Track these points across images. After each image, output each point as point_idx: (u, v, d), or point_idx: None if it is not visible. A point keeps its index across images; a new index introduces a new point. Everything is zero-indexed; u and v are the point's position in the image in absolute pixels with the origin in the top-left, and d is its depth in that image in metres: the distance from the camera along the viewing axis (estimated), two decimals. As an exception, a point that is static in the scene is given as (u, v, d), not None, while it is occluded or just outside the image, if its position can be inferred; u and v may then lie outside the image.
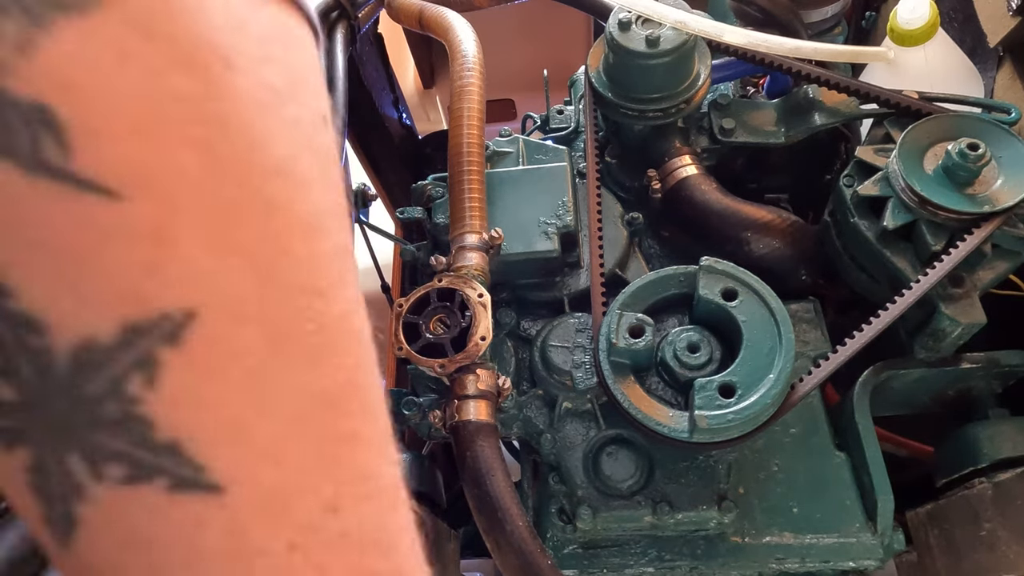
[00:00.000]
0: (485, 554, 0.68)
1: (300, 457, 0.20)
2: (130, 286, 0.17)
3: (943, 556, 0.74)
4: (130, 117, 0.17)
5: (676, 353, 0.69)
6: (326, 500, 0.21)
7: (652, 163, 0.89)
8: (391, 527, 0.24)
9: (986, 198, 0.69)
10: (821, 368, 0.69)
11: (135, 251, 0.17)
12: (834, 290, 0.87)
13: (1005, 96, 0.85)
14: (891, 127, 0.80)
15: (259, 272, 0.19)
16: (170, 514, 0.18)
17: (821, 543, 0.70)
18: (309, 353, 0.21)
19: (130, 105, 0.17)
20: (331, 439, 0.21)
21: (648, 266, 0.89)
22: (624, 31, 0.82)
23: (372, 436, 0.23)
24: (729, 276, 0.70)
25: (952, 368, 0.75)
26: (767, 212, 0.84)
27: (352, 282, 0.23)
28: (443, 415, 0.71)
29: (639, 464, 0.71)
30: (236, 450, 0.19)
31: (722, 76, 0.94)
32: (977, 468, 0.72)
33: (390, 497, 0.24)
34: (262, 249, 0.19)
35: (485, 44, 0.86)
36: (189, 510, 0.19)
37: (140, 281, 0.17)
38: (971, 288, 0.70)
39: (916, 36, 0.87)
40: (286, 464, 0.20)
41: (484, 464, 0.67)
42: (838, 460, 0.74)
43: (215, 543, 0.19)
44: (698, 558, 0.71)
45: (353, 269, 0.23)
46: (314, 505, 0.21)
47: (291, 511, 0.20)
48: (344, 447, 0.22)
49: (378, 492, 0.23)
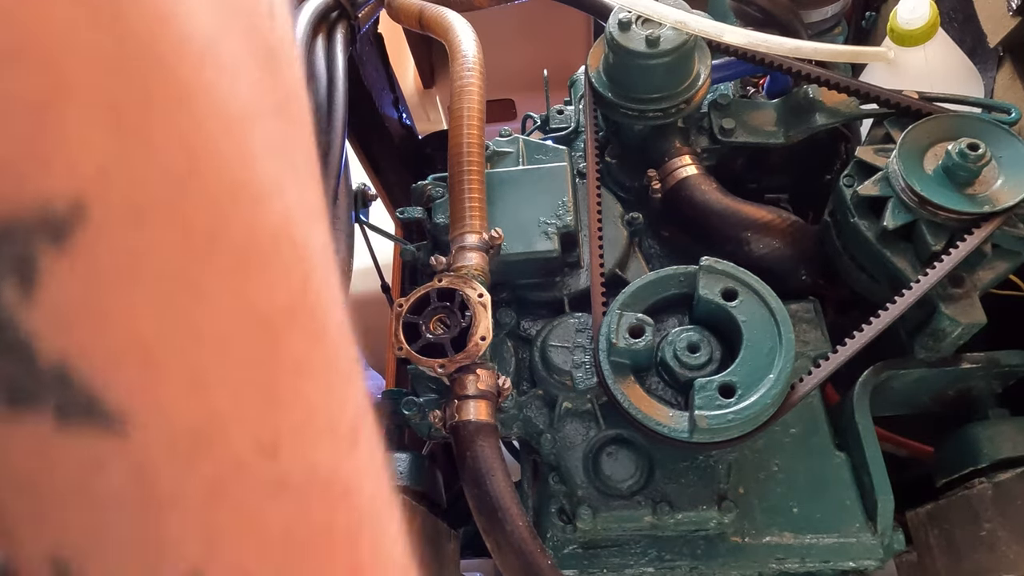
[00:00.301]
0: (485, 554, 0.68)
1: (224, 387, 0.17)
2: (3, 169, 0.14)
3: (943, 556, 0.74)
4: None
5: (676, 353, 0.69)
6: (259, 439, 0.18)
7: (652, 163, 0.89)
8: (347, 470, 0.20)
9: (986, 198, 0.69)
10: (821, 368, 0.69)
11: (11, 126, 0.14)
12: (834, 290, 0.87)
13: (1005, 96, 0.85)
14: (891, 127, 0.80)
15: (168, 163, 0.16)
16: (59, 452, 0.15)
17: (821, 543, 0.70)
18: (236, 266, 0.17)
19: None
20: (266, 367, 0.18)
21: (648, 266, 0.89)
22: (624, 31, 0.82)
23: (322, 367, 0.20)
24: (729, 276, 0.70)
25: (952, 368, 0.75)
26: (767, 212, 0.84)
27: (303, 191, 0.20)
28: (443, 415, 0.71)
29: (639, 464, 0.71)
30: (141, 376, 0.16)
31: (722, 76, 0.94)
32: (977, 468, 0.72)
33: (346, 437, 0.20)
34: (171, 136, 0.16)
35: (485, 44, 0.86)
36: (82, 447, 0.15)
37: (16, 163, 0.14)
38: (971, 288, 0.70)
39: (916, 36, 0.87)
40: (207, 394, 0.17)
41: (484, 464, 0.67)
42: (838, 460, 0.74)
43: (117, 488, 0.16)
44: (698, 558, 0.71)
45: (309, 180, 0.20)
46: (243, 445, 0.17)
47: (213, 451, 0.17)
48: (284, 377, 0.19)
49: (329, 431, 0.20)
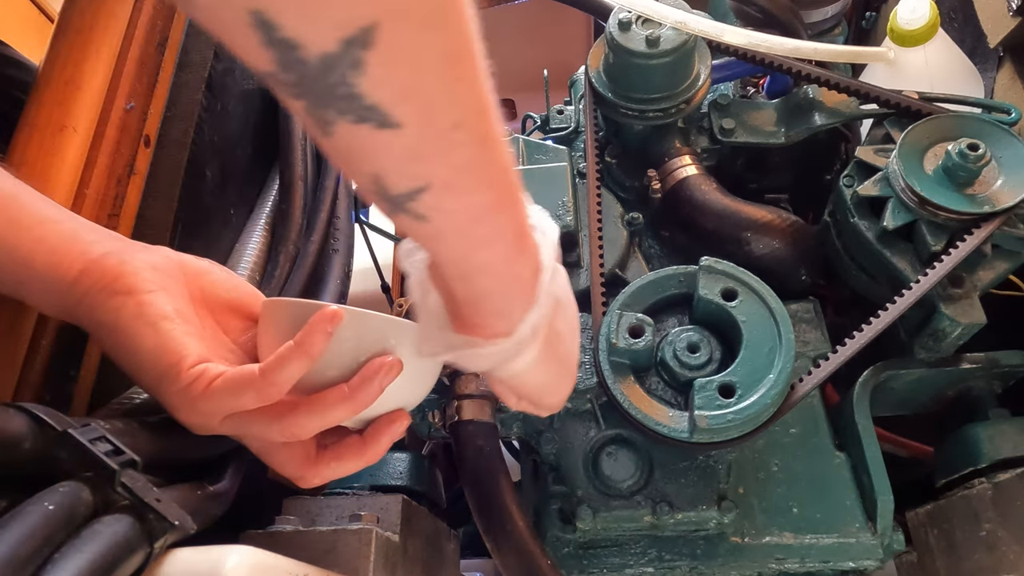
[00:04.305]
0: (485, 554, 0.69)
1: (446, 106, 0.32)
2: (342, 15, 0.27)
3: (943, 556, 0.74)
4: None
5: (676, 353, 0.69)
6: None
7: (652, 163, 0.89)
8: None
9: (986, 198, 0.69)
10: (821, 368, 0.69)
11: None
12: (834, 290, 0.87)
13: (1005, 96, 0.85)
14: (891, 127, 0.80)
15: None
16: (364, 138, 0.32)
17: (821, 543, 0.70)
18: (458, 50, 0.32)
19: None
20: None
21: (648, 266, 0.89)
22: (624, 31, 0.82)
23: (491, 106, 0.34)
24: (729, 276, 0.70)
25: (952, 368, 0.75)
26: (767, 212, 0.84)
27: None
28: (443, 415, 0.71)
29: (639, 464, 0.71)
30: (409, 102, 0.31)
31: (722, 76, 0.94)
32: (977, 468, 0.72)
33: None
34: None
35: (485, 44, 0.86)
36: (373, 134, 0.31)
37: (346, 10, 0.27)
38: (971, 288, 0.70)
39: (916, 36, 0.87)
40: (438, 108, 0.32)
41: (484, 464, 0.67)
42: (838, 460, 0.74)
43: (395, 152, 0.33)
44: (698, 558, 0.71)
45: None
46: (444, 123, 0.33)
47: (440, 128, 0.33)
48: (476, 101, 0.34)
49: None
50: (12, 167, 0.51)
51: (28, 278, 0.48)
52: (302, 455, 0.50)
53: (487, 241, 0.40)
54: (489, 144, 0.35)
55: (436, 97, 0.32)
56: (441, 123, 0.33)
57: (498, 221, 0.39)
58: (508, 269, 0.42)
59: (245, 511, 0.56)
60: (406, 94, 0.31)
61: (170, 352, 0.46)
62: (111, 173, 0.63)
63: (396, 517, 0.63)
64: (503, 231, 0.40)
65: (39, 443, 0.38)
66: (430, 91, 0.31)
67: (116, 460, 0.39)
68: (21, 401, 0.40)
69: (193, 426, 0.48)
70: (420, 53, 0.29)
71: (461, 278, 0.42)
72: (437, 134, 0.33)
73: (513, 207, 0.40)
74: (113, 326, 0.47)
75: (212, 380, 0.45)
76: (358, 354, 0.47)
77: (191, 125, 0.70)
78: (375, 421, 0.51)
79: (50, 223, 0.48)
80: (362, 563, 0.55)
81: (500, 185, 0.38)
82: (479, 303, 0.43)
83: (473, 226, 0.38)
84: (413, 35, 0.29)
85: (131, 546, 0.37)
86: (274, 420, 0.46)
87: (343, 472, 0.51)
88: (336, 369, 0.47)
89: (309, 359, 0.44)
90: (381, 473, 0.73)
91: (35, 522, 0.34)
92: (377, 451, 0.50)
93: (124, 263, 0.48)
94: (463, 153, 0.34)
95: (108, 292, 0.47)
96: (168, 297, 0.48)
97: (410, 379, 0.49)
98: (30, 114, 0.61)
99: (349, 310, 0.46)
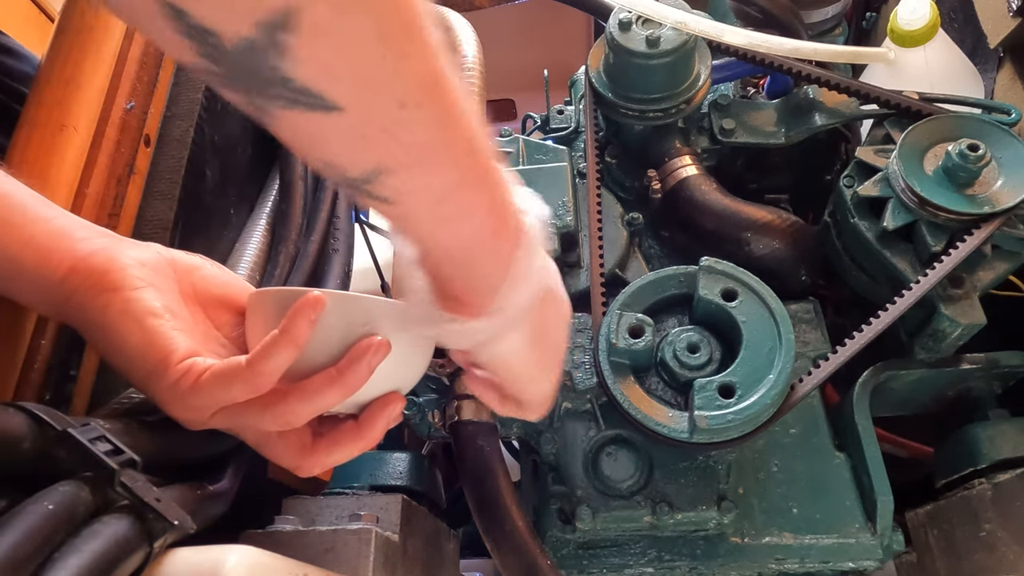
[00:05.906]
0: (485, 554, 0.68)
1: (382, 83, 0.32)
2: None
3: (943, 557, 0.74)
4: None
5: (676, 353, 0.69)
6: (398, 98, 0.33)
7: (652, 163, 0.89)
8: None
9: (986, 199, 0.69)
10: (821, 368, 0.69)
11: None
12: (834, 290, 0.87)
13: (1005, 97, 0.85)
14: (891, 128, 0.80)
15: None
16: (306, 122, 0.32)
17: (820, 543, 0.70)
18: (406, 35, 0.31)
19: None
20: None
21: (648, 266, 0.89)
22: (624, 31, 0.82)
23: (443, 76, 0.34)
24: (729, 276, 0.70)
25: (952, 368, 0.74)
26: (767, 212, 0.84)
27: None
28: (443, 415, 0.71)
29: (639, 464, 0.71)
30: (343, 83, 0.31)
31: (722, 76, 0.94)
32: (977, 469, 0.72)
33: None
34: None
35: (485, 44, 0.86)
36: (314, 119, 0.31)
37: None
38: (971, 289, 0.70)
39: (916, 37, 0.87)
40: (378, 88, 0.32)
41: (484, 464, 0.67)
42: (838, 460, 0.74)
43: (340, 135, 0.33)
44: (697, 558, 0.71)
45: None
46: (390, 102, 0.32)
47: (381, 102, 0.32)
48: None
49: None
50: (12, 167, 0.51)
51: (18, 276, 0.47)
52: (298, 444, 0.49)
53: (454, 219, 0.40)
54: (448, 121, 0.35)
55: (375, 76, 0.31)
56: (385, 103, 0.32)
57: (465, 199, 0.39)
58: (482, 247, 0.42)
59: (245, 511, 0.55)
60: (339, 75, 0.30)
61: (157, 348, 0.45)
62: (111, 173, 0.63)
63: (396, 517, 0.63)
64: (471, 209, 0.40)
65: (39, 443, 0.38)
66: (367, 71, 0.31)
67: (116, 460, 0.39)
68: (21, 401, 0.40)
69: (185, 421, 0.47)
70: (349, 33, 0.29)
71: (436, 257, 0.43)
72: (382, 114, 0.32)
73: (482, 184, 0.39)
74: (101, 324, 0.46)
75: (200, 374, 0.45)
76: (346, 338, 0.46)
77: (191, 125, 0.70)
78: (369, 405, 0.50)
79: (41, 221, 0.48)
80: (362, 563, 0.54)
81: (465, 163, 0.37)
82: (457, 281, 0.44)
83: (437, 206, 0.38)
84: (338, 16, 0.28)
85: (131, 546, 0.37)
86: (266, 409, 0.45)
87: (341, 459, 0.50)
88: (325, 355, 0.46)
89: (295, 346, 0.43)
90: (381, 473, 0.73)
91: (35, 522, 0.34)
92: (373, 435, 0.50)
93: (111, 260, 0.47)
94: (416, 132, 0.34)
95: (96, 290, 0.47)
96: (156, 293, 0.48)
97: (400, 359, 0.49)
98: (30, 113, 0.61)
99: (332, 294, 0.45)
